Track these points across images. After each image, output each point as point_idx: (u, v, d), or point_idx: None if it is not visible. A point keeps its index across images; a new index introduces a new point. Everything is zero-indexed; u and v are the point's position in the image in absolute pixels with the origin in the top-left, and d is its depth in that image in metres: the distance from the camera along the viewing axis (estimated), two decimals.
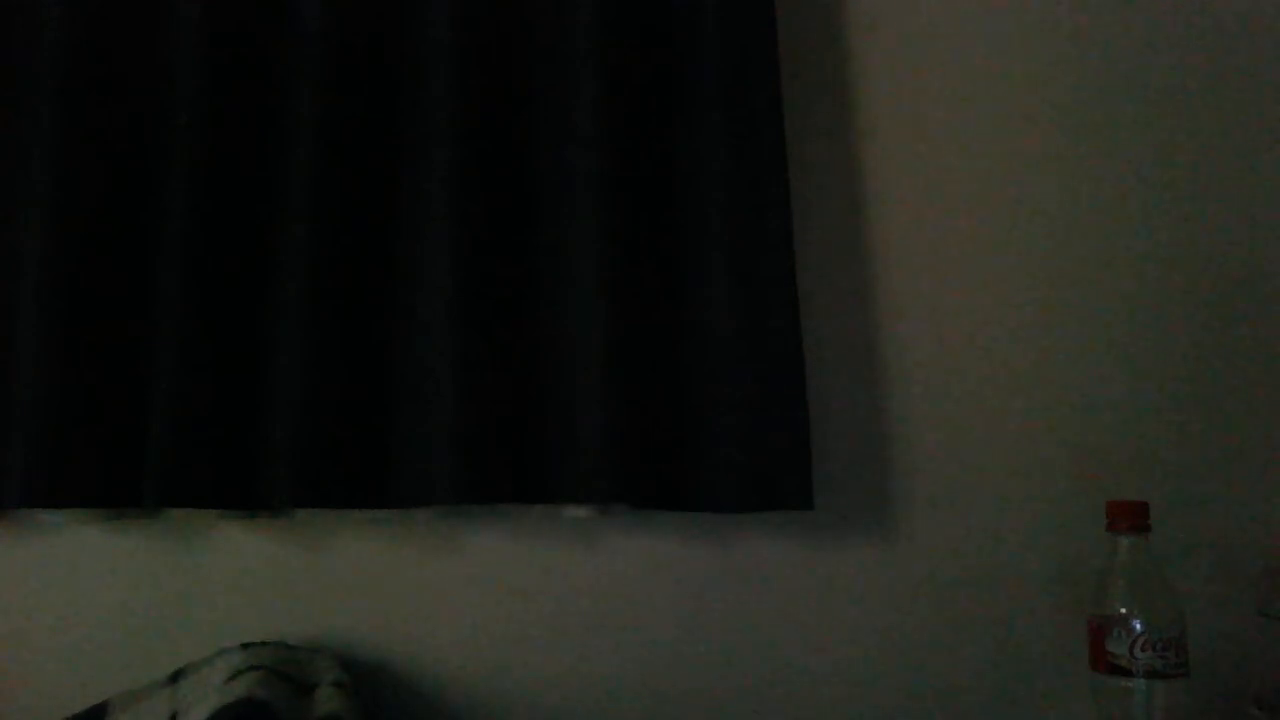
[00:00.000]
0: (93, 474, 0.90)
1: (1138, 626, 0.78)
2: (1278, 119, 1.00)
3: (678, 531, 0.96)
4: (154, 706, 0.85)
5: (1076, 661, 0.83)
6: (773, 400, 0.90)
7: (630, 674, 0.95)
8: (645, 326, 0.93)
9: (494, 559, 0.96)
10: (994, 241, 1.00)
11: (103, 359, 0.92)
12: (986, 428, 0.97)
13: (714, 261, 0.93)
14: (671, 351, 0.94)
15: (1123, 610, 0.79)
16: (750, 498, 0.89)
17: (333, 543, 0.97)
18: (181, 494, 0.89)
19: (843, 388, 0.98)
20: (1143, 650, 0.78)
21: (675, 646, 0.95)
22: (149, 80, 0.98)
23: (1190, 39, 1.02)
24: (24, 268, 0.93)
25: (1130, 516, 0.82)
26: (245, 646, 0.89)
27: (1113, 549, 0.82)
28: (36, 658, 0.95)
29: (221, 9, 0.96)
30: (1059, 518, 0.95)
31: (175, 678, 0.87)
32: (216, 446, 0.90)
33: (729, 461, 0.89)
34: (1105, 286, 0.98)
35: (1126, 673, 0.78)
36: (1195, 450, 0.95)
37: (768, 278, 0.92)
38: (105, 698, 0.87)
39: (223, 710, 0.75)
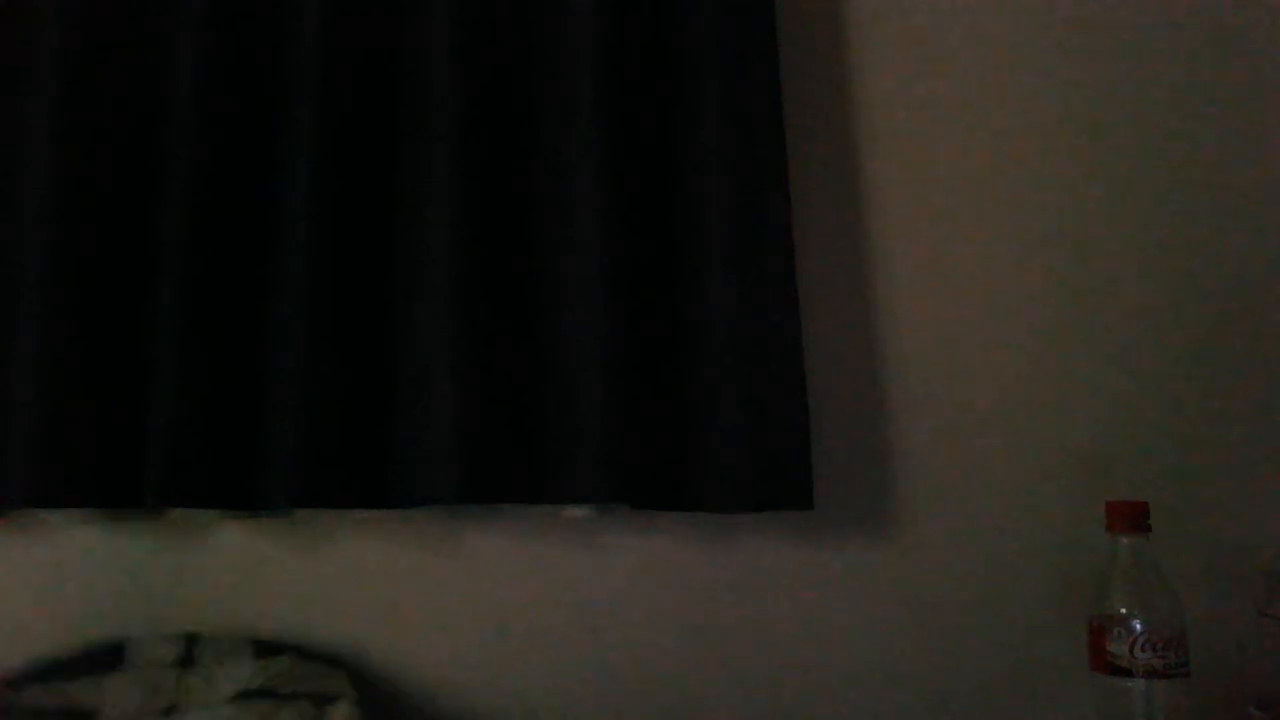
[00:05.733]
0: (93, 474, 0.90)
1: (1138, 626, 0.78)
2: (1277, 121, 1.00)
3: (678, 531, 0.96)
4: (159, 681, 0.86)
5: (1076, 661, 0.83)
6: (773, 400, 0.90)
7: (630, 674, 0.95)
8: (645, 326, 0.93)
9: (494, 559, 0.96)
10: (994, 241, 1.00)
11: (103, 359, 0.92)
12: (986, 428, 0.97)
13: (714, 261, 0.93)
14: (671, 351, 0.94)
15: (1123, 610, 0.79)
16: (750, 498, 0.89)
17: (333, 543, 0.97)
18: (181, 494, 0.89)
19: (843, 388, 0.98)
20: (1143, 650, 0.77)
21: (675, 646, 0.95)
22: (150, 81, 0.98)
23: (1192, 40, 1.02)
24: (24, 268, 0.93)
25: (1130, 516, 0.82)
26: (259, 653, 0.89)
27: (1113, 549, 0.82)
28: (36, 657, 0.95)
29: (221, 11, 0.96)
30: (1059, 518, 0.95)
31: (185, 657, 0.88)
32: (216, 446, 0.90)
33: (729, 461, 0.89)
34: (1105, 286, 0.98)
35: (1126, 673, 0.78)
36: (1195, 450, 0.95)
37: (768, 277, 0.92)
38: (125, 636, 0.90)
39: None
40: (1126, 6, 1.02)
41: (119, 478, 0.91)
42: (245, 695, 0.85)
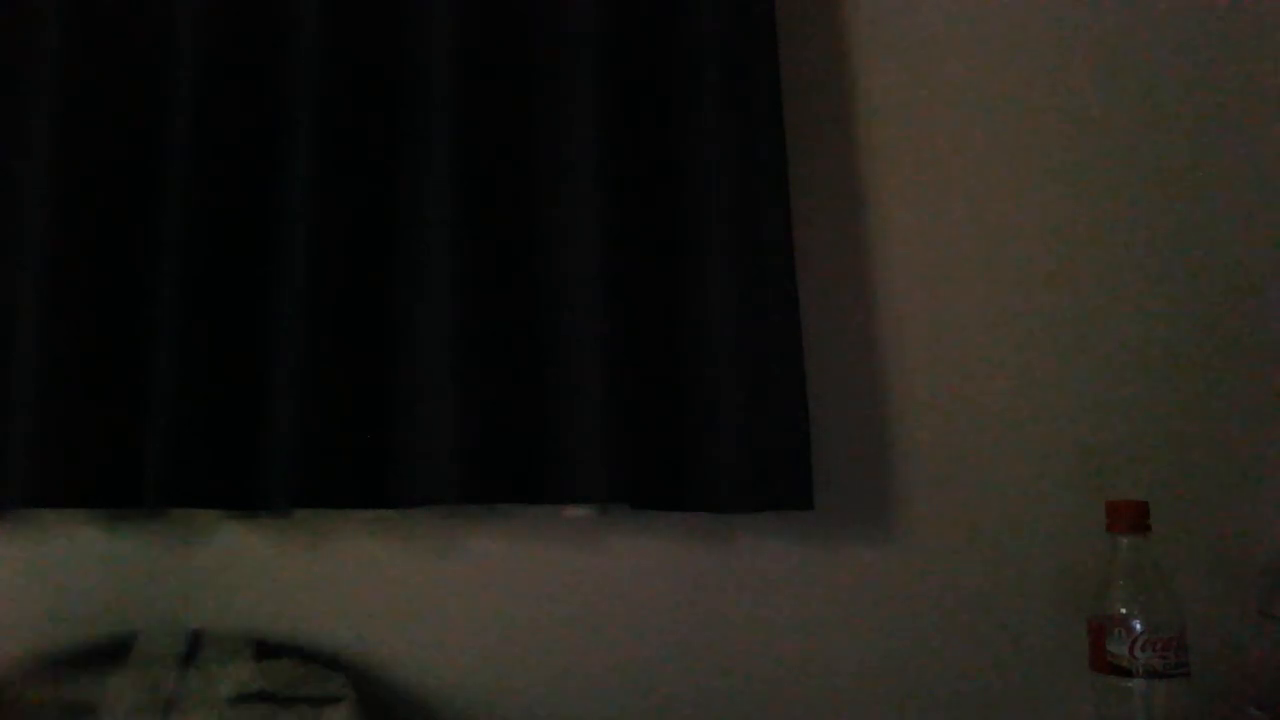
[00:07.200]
0: (93, 474, 0.90)
1: (1138, 626, 0.78)
2: (1277, 121, 1.00)
3: (678, 531, 0.96)
4: (159, 678, 0.86)
5: (1076, 661, 0.83)
6: (773, 400, 0.90)
7: (630, 674, 0.95)
8: (645, 326, 0.93)
9: (494, 559, 0.96)
10: (994, 241, 1.00)
11: (103, 360, 0.92)
12: (987, 428, 0.97)
13: (714, 261, 0.93)
14: (671, 351, 0.94)
15: (1123, 610, 0.79)
16: (750, 498, 0.89)
17: (333, 543, 0.97)
18: (181, 494, 0.89)
19: (843, 388, 0.98)
20: (1143, 650, 0.78)
21: (675, 646, 0.95)
22: (151, 81, 0.98)
23: (1193, 41, 1.02)
24: (24, 268, 0.93)
25: (1130, 516, 0.82)
26: (259, 655, 0.89)
27: (1113, 549, 0.82)
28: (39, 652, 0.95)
29: (220, 16, 0.96)
30: (1059, 518, 0.95)
31: (188, 657, 0.88)
32: (216, 446, 0.90)
33: (729, 461, 0.89)
34: (1105, 286, 0.98)
35: (1126, 673, 0.78)
36: (1195, 450, 0.95)
37: (768, 277, 0.92)
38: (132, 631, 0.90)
39: None
40: (1126, 6, 1.02)
41: (119, 478, 0.91)
42: (245, 698, 0.85)
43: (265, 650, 0.91)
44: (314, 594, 0.96)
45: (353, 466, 0.91)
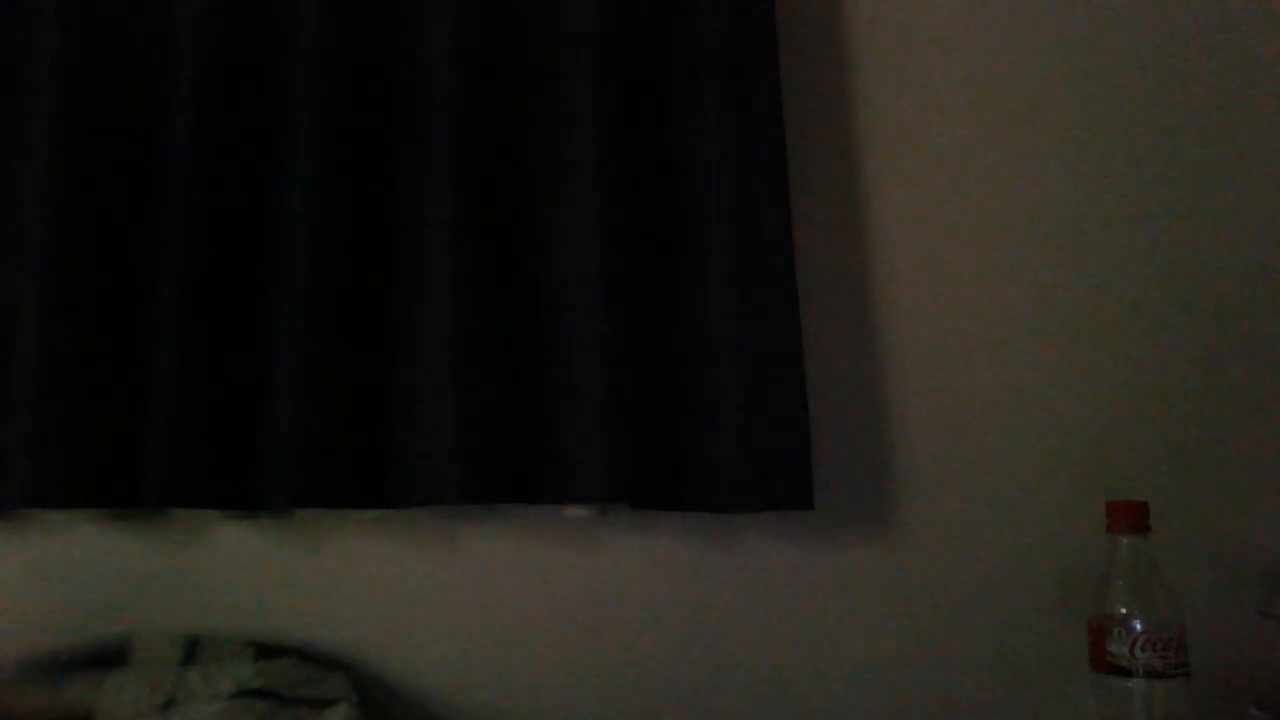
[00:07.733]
0: (93, 474, 0.90)
1: (1138, 626, 0.78)
2: (1277, 124, 1.00)
3: (678, 531, 0.96)
4: (157, 679, 0.86)
5: (1076, 661, 0.83)
6: (772, 400, 0.90)
7: (630, 674, 0.95)
8: (645, 326, 0.93)
9: (494, 559, 0.96)
10: (994, 241, 1.00)
11: (103, 360, 0.92)
12: (986, 428, 0.97)
13: (714, 261, 0.93)
14: (672, 351, 0.94)
15: (1123, 610, 0.79)
16: (750, 498, 0.89)
17: (333, 543, 0.97)
18: (181, 494, 0.89)
19: (843, 388, 0.98)
20: (1143, 650, 0.78)
21: (675, 647, 0.95)
22: (151, 81, 0.98)
23: (1193, 44, 1.02)
24: (25, 268, 0.93)
25: (1130, 516, 0.82)
26: (259, 655, 0.89)
27: (1113, 549, 0.82)
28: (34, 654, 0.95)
29: (220, 16, 0.96)
30: (1059, 518, 0.95)
31: (186, 658, 0.88)
32: (216, 446, 0.90)
33: (729, 461, 0.89)
34: (1105, 286, 0.98)
35: (1126, 673, 0.78)
36: (1195, 450, 0.95)
37: (767, 277, 0.92)
38: (128, 635, 0.90)
39: None
40: (1127, 5, 1.02)
41: (119, 478, 0.91)
42: (245, 694, 0.85)
43: (265, 651, 0.91)
44: (314, 594, 0.96)
45: (353, 466, 0.91)
